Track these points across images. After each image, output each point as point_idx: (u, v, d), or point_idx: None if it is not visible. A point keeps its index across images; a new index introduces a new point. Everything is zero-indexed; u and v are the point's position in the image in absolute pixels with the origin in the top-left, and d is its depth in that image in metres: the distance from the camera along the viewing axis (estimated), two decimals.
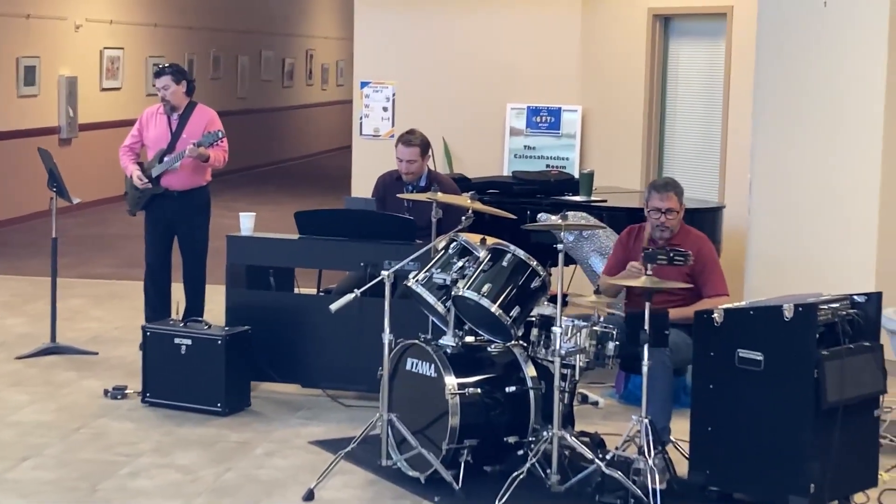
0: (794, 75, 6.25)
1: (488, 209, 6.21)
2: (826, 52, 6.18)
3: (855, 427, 5.12)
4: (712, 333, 5.26)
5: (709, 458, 5.29)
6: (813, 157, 6.21)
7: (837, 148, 6.18)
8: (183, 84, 7.53)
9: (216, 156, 7.48)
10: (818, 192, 6.21)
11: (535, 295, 5.57)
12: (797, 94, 6.24)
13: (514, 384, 5.57)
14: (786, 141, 6.29)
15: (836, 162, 6.18)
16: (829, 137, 6.18)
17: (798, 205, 6.25)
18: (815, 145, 6.21)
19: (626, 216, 7.43)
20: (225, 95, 18.89)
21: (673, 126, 9.43)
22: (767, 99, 6.40)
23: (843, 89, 6.17)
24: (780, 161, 6.31)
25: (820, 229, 6.21)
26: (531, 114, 9.81)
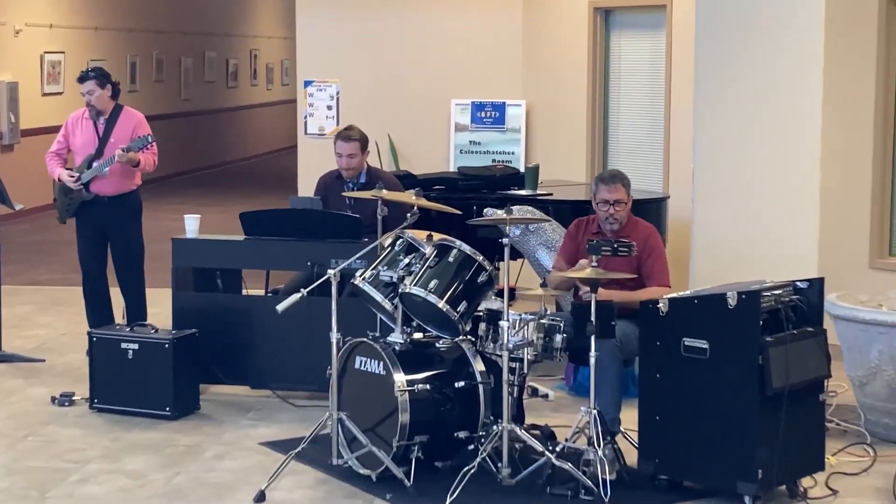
0: (733, 65, 6.31)
1: (433, 205, 6.22)
2: (764, 41, 6.24)
3: (801, 412, 5.18)
4: (658, 323, 5.30)
5: (657, 446, 5.33)
6: (754, 145, 6.27)
7: (778, 136, 6.25)
8: (108, 88, 7.45)
9: (146, 160, 7.42)
10: (759, 181, 6.27)
11: (482, 290, 5.59)
12: (737, 83, 6.30)
13: (463, 379, 5.58)
14: (727, 130, 6.34)
15: (776, 150, 6.25)
16: (769, 126, 6.25)
17: (740, 193, 6.31)
18: (755, 134, 6.27)
19: (571, 209, 7.48)
20: (169, 97, 18.79)
21: (617, 118, 9.48)
22: (708, 89, 6.46)
23: (782, 78, 6.24)
24: (722, 150, 6.36)
25: (762, 217, 6.27)
26: (476, 109, 9.82)
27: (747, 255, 6.26)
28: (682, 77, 8.39)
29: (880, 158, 7.46)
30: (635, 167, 9.25)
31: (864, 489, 5.41)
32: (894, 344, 5.91)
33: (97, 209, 7.49)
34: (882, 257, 7.51)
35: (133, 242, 7.59)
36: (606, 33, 9.42)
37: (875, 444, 5.94)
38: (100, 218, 7.51)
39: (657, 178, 9.00)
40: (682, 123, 8.30)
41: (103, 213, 7.50)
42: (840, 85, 7.54)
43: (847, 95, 7.54)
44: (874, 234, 7.50)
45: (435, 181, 8.01)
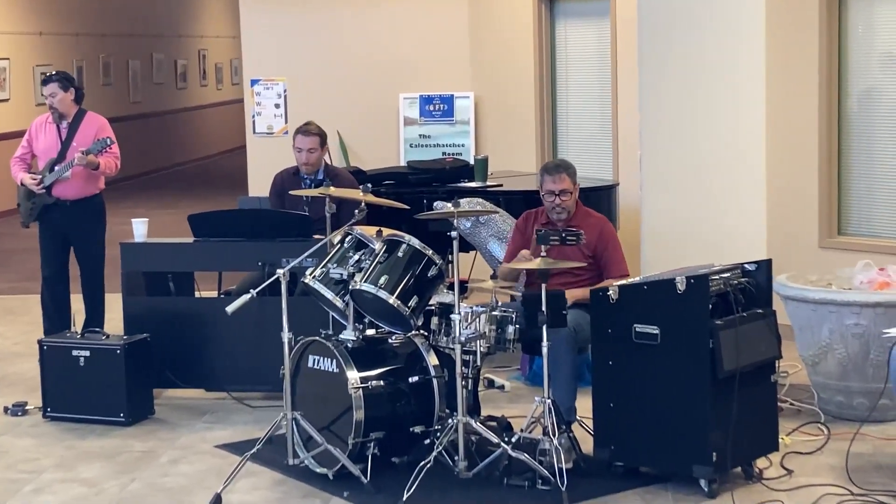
0: (676, 50, 6.33)
1: (380, 201, 6.20)
2: (706, 27, 6.27)
3: (753, 394, 5.21)
4: (609, 310, 5.31)
5: (612, 433, 5.34)
6: (698, 130, 6.30)
7: (721, 120, 6.28)
8: (71, 92, 7.41)
9: (107, 163, 7.37)
10: (705, 165, 6.30)
11: (432, 283, 5.57)
12: (680, 69, 6.32)
13: (416, 374, 5.57)
14: (671, 116, 6.36)
15: (720, 134, 6.28)
16: (712, 110, 6.27)
17: (687, 179, 6.34)
18: (699, 119, 6.30)
19: (522, 199, 7.48)
20: (118, 101, 18.64)
21: (565, 107, 9.50)
22: (651, 75, 6.48)
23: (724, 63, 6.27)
24: (667, 136, 6.39)
25: (710, 201, 6.30)
26: (424, 103, 9.81)
27: (697, 240, 6.29)
28: (628, 64, 8.41)
29: (825, 138, 7.51)
30: (585, 156, 9.28)
31: (818, 468, 5.45)
32: (844, 322, 5.95)
33: (59, 213, 7.43)
34: (831, 237, 7.57)
35: (95, 247, 7.53)
36: (552, 23, 9.43)
37: (829, 423, 5.98)
38: (62, 222, 7.45)
39: (607, 166, 9.03)
40: (629, 111, 8.32)
41: (66, 218, 7.44)
42: (783, 66, 7.59)
43: (790, 76, 7.59)
44: (823, 213, 7.56)
45: (385, 176, 7.99)
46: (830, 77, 7.48)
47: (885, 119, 7.43)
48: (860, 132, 7.50)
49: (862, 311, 5.90)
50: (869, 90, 7.49)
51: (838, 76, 7.49)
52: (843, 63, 7.51)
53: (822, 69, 7.47)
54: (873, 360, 5.88)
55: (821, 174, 7.52)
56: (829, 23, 7.44)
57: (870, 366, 5.92)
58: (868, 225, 7.49)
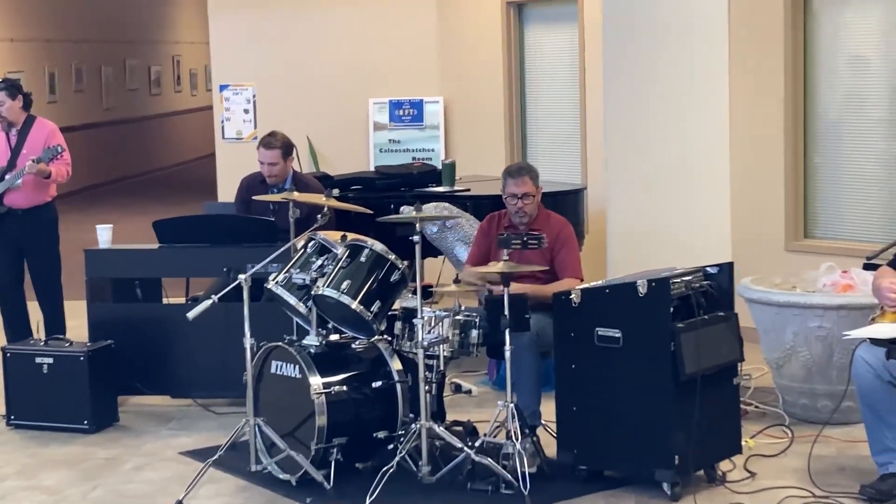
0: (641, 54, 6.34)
1: (343, 205, 6.19)
2: (671, 30, 6.28)
3: (715, 396, 5.21)
4: (571, 314, 5.31)
5: (576, 437, 5.34)
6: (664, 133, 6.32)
7: (687, 124, 6.29)
8: (19, 99, 7.35)
9: (58, 170, 7.32)
10: (671, 168, 6.31)
11: (395, 288, 5.57)
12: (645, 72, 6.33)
13: (380, 379, 5.56)
14: (637, 119, 6.37)
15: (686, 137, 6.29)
16: (678, 114, 6.29)
17: (652, 181, 6.35)
18: (665, 122, 6.31)
19: (490, 203, 7.46)
20: (90, 107, 18.57)
21: (535, 112, 9.50)
22: (617, 79, 6.48)
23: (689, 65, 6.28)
24: (633, 139, 6.40)
25: (675, 203, 6.31)
26: (394, 107, 9.80)
27: (662, 243, 6.29)
28: (596, 69, 8.40)
29: (791, 141, 7.54)
30: (554, 160, 9.29)
31: (781, 470, 5.45)
32: (808, 325, 5.97)
33: (11, 222, 7.38)
34: (797, 239, 7.59)
35: (49, 255, 7.49)
36: (520, 27, 9.44)
37: (793, 426, 5.99)
38: (14, 231, 7.40)
39: (576, 170, 9.04)
40: (598, 115, 8.30)
41: (18, 227, 7.39)
42: (748, 70, 7.61)
43: (755, 79, 7.61)
44: (789, 216, 7.59)
45: (353, 181, 7.98)
46: (796, 79, 7.51)
47: (849, 122, 7.45)
48: (825, 135, 7.53)
49: (825, 313, 5.91)
50: (834, 93, 7.52)
51: (804, 79, 7.53)
52: (808, 65, 7.54)
53: (787, 72, 7.50)
54: (837, 363, 5.90)
55: (787, 177, 7.55)
56: (795, 25, 7.47)
57: (833, 368, 5.93)
58: (834, 228, 7.52)
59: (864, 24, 7.33)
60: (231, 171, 9.34)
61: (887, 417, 4.99)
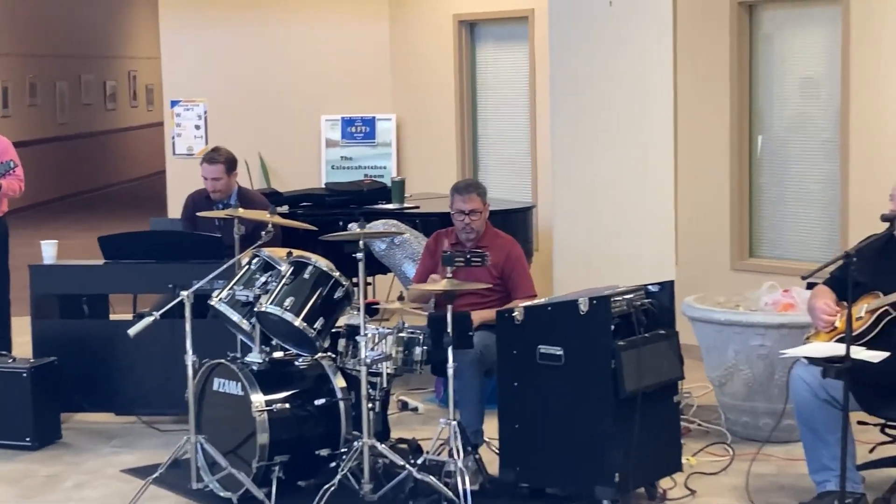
0: (586, 74, 6.39)
1: (286, 222, 6.19)
2: (615, 50, 6.32)
3: (655, 414, 5.24)
4: (514, 331, 5.32)
5: (518, 454, 5.35)
6: (609, 152, 6.36)
7: (632, 142, 6.33)
8: None
9: (10, 185, 7.27)
10: (616, 187, 6.35)
11: (339, 305, 5.57)
12: (591, 92, 6.38)
13: (323, 396, 5.55)
14: (583, 140, 6.41)
15: (631, 156, 6.34)
16: (623, 133, 6.33)
17: (598, 200, 6.38)
18: (610, 141, 6.35)
19: (439, 221, 7.47)
20: (44, 122, 18.46)
21: (486, 129, 9.53)
22: (564, 98, 6.52)
23: (633, 86, 6.33)
24: (579, 158, 6.44)
25: (620, 222, 6.35)
26: (346, 124, 9.81)
27: (608, 261, 6.33)
28: (545, 87, 8.46)
29: (737, 160, 7.61)
30: (505, 178, 9.33)
31: (721, 488, 5.49)
32: (750, 343, 6.02)
33: None
34: (743, 258, 7.66)
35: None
36: (472, 45, 9.48)
37: (735, 443, 6.03)
38: None
39: (526, 188, 9.07)
40: (547, 133, 8.37)
41: None
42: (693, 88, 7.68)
43: (700, 101, 7.68)
44: (734, 236, 7.65)
45: (302, 198, 7.98)
46: (742, 101, 7.58)
47: (795, 143, 7.53)
48: (771, 155, 7.61)
49: (766, 332, 5.97)
50: (780, 114, 7.60)
51: (749, 100, 7.60)
52: (754, 87, 7.61)
53: (733, 93, 7.57)
54: (778, 381, 5.94)
55: (733, 197, 7.61)
56: (740, 46, 7.54)
57: (774, 386, 5.98)
58: (779, 247, 7.59)
59: (809, 47, 7.41)
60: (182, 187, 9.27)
61: (825, 436, 5.03)
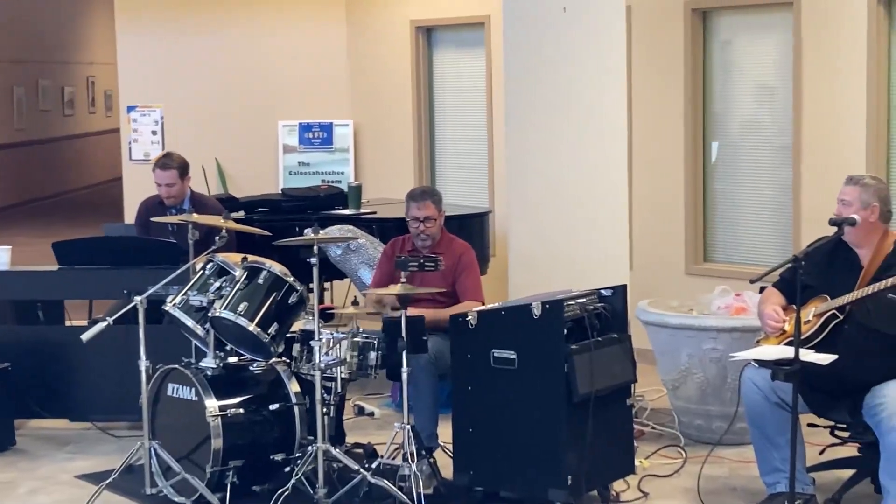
0: (541, 80, 6.41)
1: (241, 227, 6.19)
2: (570, 56, 6.35)
3: (608, 417, 5.27)
4: (468, 336, 5.34)
5: (472, 458, 5.37)
6: (563, 157, 6.38)
7: (586, 148, 6.36)
8: None
9: None
10: (570, 192, 6.38)
11: (293, 310, 5.58)
12: (545, 97, 6.39)
13: (278, 401, 5.56)
14: (537, 143, 6.43)
15: (585, 161, 6.36)
16: (577, 138, 6.36)
17: (552, 204, 6.40)
18: (564, 146, 6.38)
19: (395, 226, 7.49)
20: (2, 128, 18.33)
21: (443, 135, 9.56)
22: (518, 103, 6.54)
23: (588, 91, 6.35)
24: (533, 162, 6.45)
25: (574, 227, 6.38)
26: (303, 130, 9.80)
27: (562, 266, 6.35)
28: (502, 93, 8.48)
29: (691, 166, 7.69)
30: (462, 183, 9.35)
31: (673, 490, 5.53)
32: (702, 347, 6.06)
33: None
34: (697, 263, 7.73)
35: None
36: (429, 51, 9.50)
37: (688, 446, 6.08)
38: None
39: (483, 194, 9.10)
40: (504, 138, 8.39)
41: None
42: (648, 94, 7.76)
43: (655, 104, 7.76)
44: (689, 240, 7.72)
45: (258, 203, 7.97)
46: (696, 106, 7.66)
47: (748, 148, 7.61)
48: (725, 160, 7.69)
49: (719, 335, 6.02)
50: (734, 119, 7.67)
51: (703, 105, 7.68)
52: (707, 92, 7.69)
53: (687, 98, 7.65)
54: (731, 384, 5.99)
55: (687, 202, 7.69)
56: (695, 52, 7.62)
57: (727, 389, 6.03)
58: (733, 252, 7.67)
59: (763, 53, 7.49)
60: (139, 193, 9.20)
61: (775, 438, 5.08)
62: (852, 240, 5.04)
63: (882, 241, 5.02)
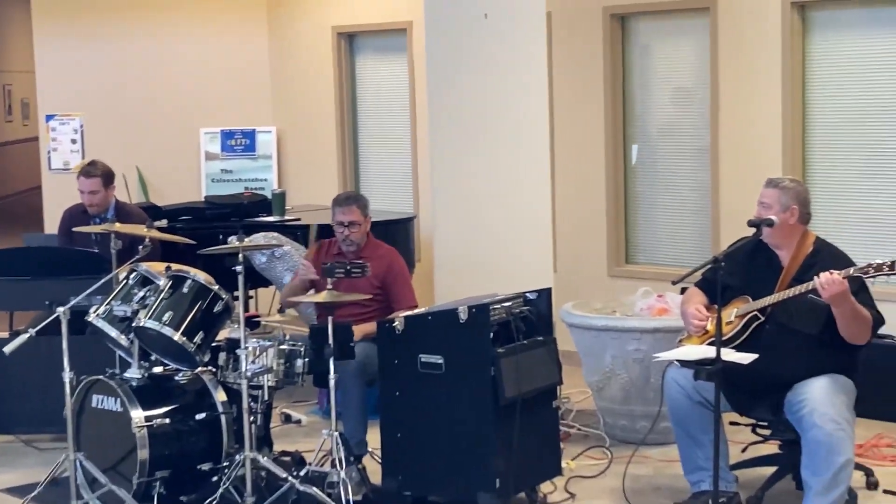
0: (462, 85, 6.45)
1: (164, 236, 6.16)
2: (491, 61, 6.40)
3: (535, 420, 5.31)
4: (395, 341, 5.36)
5: (401, 463, 5.38)
6: (486, 162, 6.43)
7: (509, 152, 6.42)
8: None
9: None
10: (494, 197, 6.43)
11: (219, 319, 5.57)
12: (467, 102, 6.44)
13: (204, 411, 5.53)
14: (460, 148, 6.48)
15: (508, 166, 6.42)
16: (500, 143, 6.41)
17: (476, 209, 6.45)
18: (487, 151, 6.43)
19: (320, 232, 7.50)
20: None
21: (367, 141, 9.57)
22: (441, 108, 6.58)
23: (510, 96, 6.41)
24: (457, 168, 6.50)
25: (498, 231, 6.43)
26: (225, 137, 9.76)
27: (488, 270, 6.39)
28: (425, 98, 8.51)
29: (612, 169, 7.78)
30: (387, 189, 9.37)
31: (599, 491, 5.59)
32: (626, 348, 6.14)
33: None
34: (619, 265, 7.82)
35: None
36: (352, 57, 9.51)
37: (613, 447, 6.15)
38: None
39: (408, 199, 9.13)
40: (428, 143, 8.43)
41: None
42: (569, 98, 7.84)
43: (576, 108, 7.85)
44: (611, 242, 7.81)
45: (181, 211, 7.92)
46: (615, 110, 7.75)
47: (668, 151, 7.72)
48: (645, 163, 7.79)
49: (642, 336, 6.10)
50: (653, 122, 7.78)
51: (623, 108, 7.77)
52: (627, 96, 7.79)
53: (607, 103, 7.74)
54: (654, 384, 6.06)
55: (608, 205, 7.78)
56: (614, 56, 7.72)
57: (651, 389, 6.11)
58: (654, 253, 7.77)
59: (681, 57, 7.61)
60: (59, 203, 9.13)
61: (698, 437, 5.16)
62: (772, 241, 5.14)
63: (801, 243, 5.12)
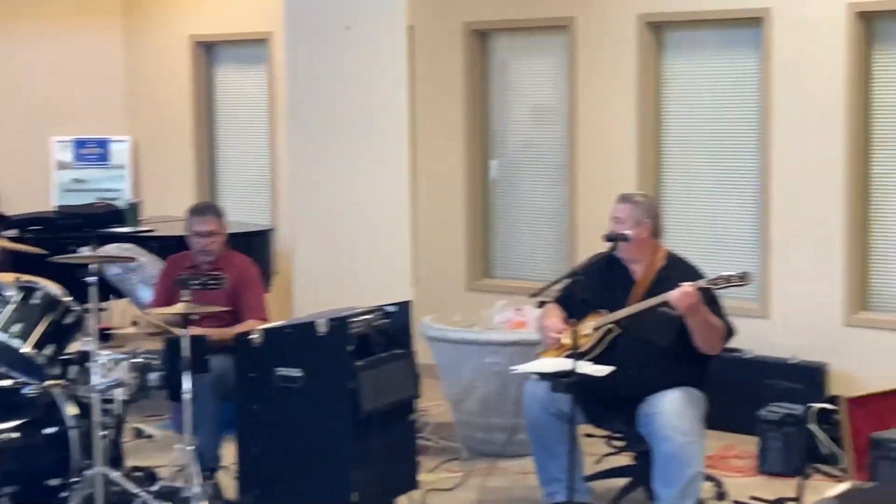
0: (323, 97, 6.42)
1: (14, 246, 6.00)
2: (352, 74, 6.38)
3: (392, 433, 5.30)
4: (252, 354, 5.29)
5: (258, 478, 5.30)
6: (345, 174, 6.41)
7: (368, 165, 6.41)
8: None
9: None
10: (353, 209, 6.41)
11: (70, 331, 5.44)
12: (327, 114, 6.41)
13: (53, 425, 5.37)
14: (319, 160, 6.44)
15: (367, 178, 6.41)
16: (359, 155, 6.40)
17: (335, 221, 6.42)
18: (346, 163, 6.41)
19: (176, 244, 7.35)
20: None
21: (225, 152, 9.46)
22: (300, 120, 6.54)
23: (370, 109, 6.40)
24: (316, 179, 6.46)
25: (357, 243, 6.41)
26: (78, 146, 9.54)
27: (347, 283, 6.36)
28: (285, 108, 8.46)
29: (471, 184, 7.83)
30: (245, 201, 9.28)
31: (457, 503, 5.60)
32: (484, 361, 6.18)
33: None
34: (478, 278, 7.87)
35: None
36: (210, 67, 9.39)
37: (471, 459, 6.17)
38: None
39: (265, 210, 9.05)
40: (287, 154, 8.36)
41: None
42: (428, 113, 7.88)
43: (436, 123, 7.89)
44: (469, 256, 7.86)
45: (31, 221, 7.71)
46: (475, 126, 7.82)
47: (527, 166, 7.80)
48: (505, 178, 7.86)
49: (500, 349, 6.14)
50: (513, 139, 7.86)
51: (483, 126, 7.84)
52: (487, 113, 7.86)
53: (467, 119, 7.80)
54: (512, 397, 6.09)
55: (468, 219, 7.83)
56: (474, 72, 7.78)
57: (509, 402, 6.14)
58: (512, 267, 7.84)
59: (540, 74, 7.70)
60: None
61: (554, 448, 5.21)
62: (626, 255, 5.22)
63: (653, 256, 5.22)
